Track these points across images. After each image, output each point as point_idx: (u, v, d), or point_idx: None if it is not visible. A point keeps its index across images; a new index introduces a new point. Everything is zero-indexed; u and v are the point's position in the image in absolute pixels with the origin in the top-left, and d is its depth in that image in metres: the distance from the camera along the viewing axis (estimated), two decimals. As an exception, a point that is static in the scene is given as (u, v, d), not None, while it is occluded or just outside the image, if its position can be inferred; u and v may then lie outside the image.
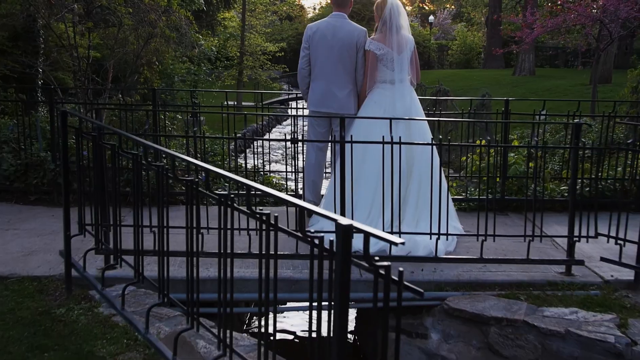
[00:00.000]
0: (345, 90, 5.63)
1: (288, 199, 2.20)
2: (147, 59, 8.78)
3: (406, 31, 5.60)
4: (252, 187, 2.42)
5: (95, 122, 3.64)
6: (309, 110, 5.81)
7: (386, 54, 5.50)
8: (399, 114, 5.44)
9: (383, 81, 5.55)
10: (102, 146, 3.70)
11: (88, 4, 7.61)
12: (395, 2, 5.58)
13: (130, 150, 3.47)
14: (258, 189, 2.42)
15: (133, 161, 3.37)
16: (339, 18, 5.68)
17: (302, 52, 5.74)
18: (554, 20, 13.32)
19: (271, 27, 27.75)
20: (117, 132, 3.43)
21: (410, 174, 5.45)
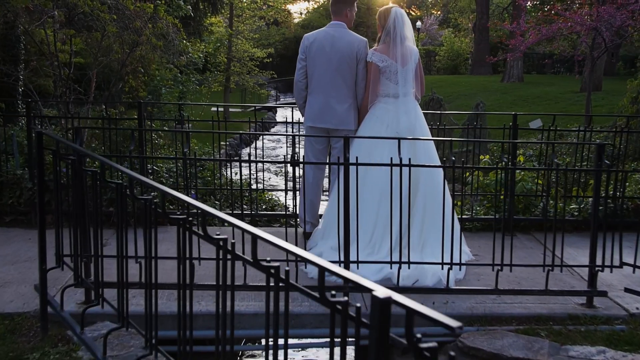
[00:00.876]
0: (345, 105, 5.27)
1: (307, 257, 1.82)
2: (133, 67, 8.36)
3: (411, 42, 5.26)
4: (258, 237, 2.04)
5: (74, 147, 3.24)
6: (306, 125, 5.45)
7: (389, 66, 5.16)
8: (402, 130, 5.10)
9: (386, 95, 5.20)
10: (82, 172, 3.30)
11: (70, 10, 7.19)
12: (399, 11, 5.24)
13: (113, 180, 3.07)
14: (262, 238, 2.05)
15: (117, 192, 2.98)
16: (337, 28, 5.32)
17: (298, 64, 5.37)
18: (549, 28, 13.07)
19: (258, 32, 27.34)
20: (99, 159, 3.03)
21: (415, 194, 5.11)
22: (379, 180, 4.88)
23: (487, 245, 5.70)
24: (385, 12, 5.29)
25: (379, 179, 4.88)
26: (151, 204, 2.73)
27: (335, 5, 5.36)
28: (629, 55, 36.51)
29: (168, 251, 4.28)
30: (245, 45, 22.56)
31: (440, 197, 5.11)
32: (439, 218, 5.02)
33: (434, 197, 5.04)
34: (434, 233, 4.97)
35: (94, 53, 8.08)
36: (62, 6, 7.19)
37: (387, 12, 5.26)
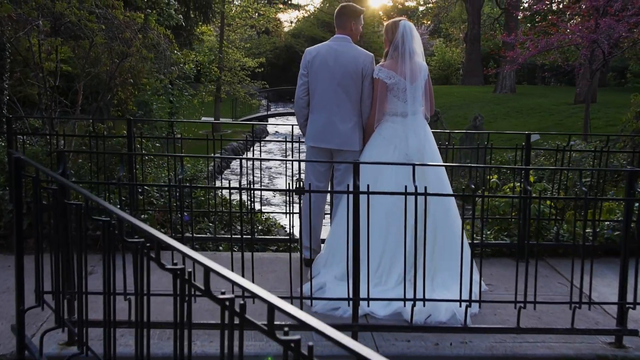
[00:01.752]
0: (349, 124, 4.93)
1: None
2: (122, 78, 7.99)
3: (420, 57, 4.94)
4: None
5: (57, 178, 2.87)
6: (307, 145, 5.10)
7: (397, 83, 4.83)
8: (412, 152, 4.78)
9: (393, 114, 4.88)
10: (65, 205, 2.93)
11: (56, 20, 6.82)
12: (408, 25, 4.92)
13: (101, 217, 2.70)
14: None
15: (103, 230, 2.62)
16: (341, 42, 4.99)
17: (299, 80, 5.03)
18: (548, 40, 12.84)
19: (249, 41, 27.03)
20: (83, 194, 2.67)
21: (425, 219, 4.77)
22: (387, 205, 4.56)
23: (500, 273, 5.39)
24: (393, 26, 4.97)
25: (386, 204, 4.55)
26: (144, 248, 2.37)
27: (340, 18, 5.03)
28: (618, 67, 36.55)
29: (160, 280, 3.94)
30: (236, 55, 22.23)
31: (451, 223, 4.79)
32: (449, 245, 4.71)
33: (444, 223, 4.72)
34: (445, 261, 4.65)
35: (81, 64, 7.71)
36: (48, 15, 6.82)
37: (395, 26, 4.94)
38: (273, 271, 5.09)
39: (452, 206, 4.84)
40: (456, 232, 4.75)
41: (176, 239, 5.38)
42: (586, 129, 14.17)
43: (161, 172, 6.65)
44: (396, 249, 4.69)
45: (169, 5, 11.57)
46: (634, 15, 12.48)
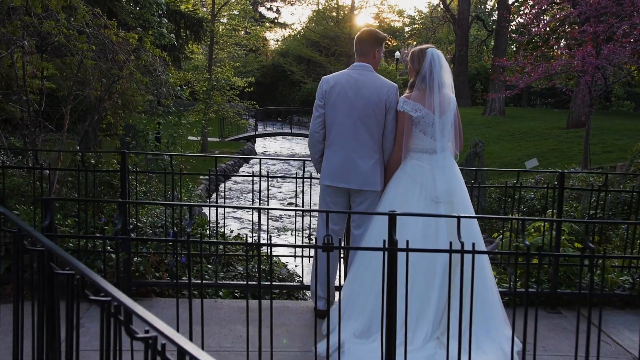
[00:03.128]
0: (370, 161, 4.44)
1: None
2: (111, 102, 7.46)
3: (449, 89, 4.47)
4: None
5: (42, 240, 2.33)
6: (322, 184, 4.59)
7: (424, 117, 4.36)
8: (440, 194, 4.30)
9: (419, 150, 4.40)
10: (52, 274, 2.39)
11: (42, 39, 6.29)
12: (436, 53, 4.46)
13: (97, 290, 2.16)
14: None
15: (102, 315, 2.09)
16: (362, 70, 4.51)
17: (315, 111, 4.54)
18: (551, 66, 12.53)
19: (238, 60, 26.59)
20: (76, 267, 2.12)
21: (455, 270, 4.29)
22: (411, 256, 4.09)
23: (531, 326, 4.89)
24: (419, 54, 4.51)
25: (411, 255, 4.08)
26: (154, 347, 1.84)
27: (363, 44, 4.55)
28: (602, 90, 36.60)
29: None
30: (225, 74, 21.76)
31: (483, 274, 4.32)
32: (482, 299, 4.23)
33: (476, 275, 4.24)
34: (478, 317, 4.17)
35: (68, 85, 7.18)
36: (34, 34, 6.28)
37: (422, 54, 4.48)
38: (283, 324, 4.55)
39: (484, 257, 4.38)
40: (489, 286, 4.31)
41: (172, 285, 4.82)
42: (586, 156, 13.85)
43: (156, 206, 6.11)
44: (422, 304, 4.22)
45: (160, 24, 11.09)
46: (636, 42, 12.24)
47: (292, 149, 28.47)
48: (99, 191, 6.19)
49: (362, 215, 4.49)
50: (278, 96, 43.36)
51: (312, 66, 35.46)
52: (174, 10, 14.08)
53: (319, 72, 34.01)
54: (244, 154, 23.09)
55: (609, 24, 12.16)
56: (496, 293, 4.34)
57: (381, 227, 4.37)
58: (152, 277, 5.02)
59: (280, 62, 38.54)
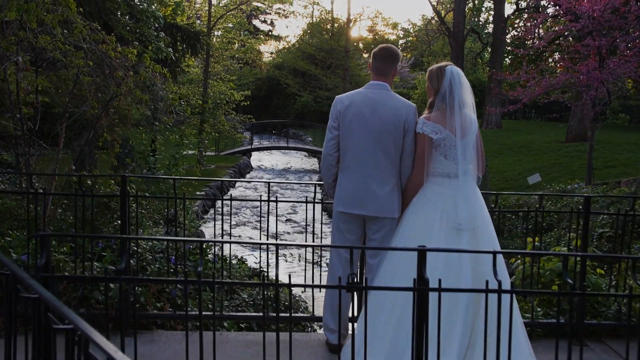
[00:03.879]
0: (388, 186, 4.18)
1: None
2: (109, 119, 7.18)
3: (470, 109, 4.22)
4: None
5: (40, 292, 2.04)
6: (336, 210, 4.31)
7: (446, 139, 4.11)
8: (464, 222, 4.04)
9: (440, 174, 4.14)
10: (50, 329, 2.09)
11: (37, 55, 6.01)
12: (456, 71, 4.22)
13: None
14: None
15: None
16: (379, 89, 4.25)
17: (328, 133, 4.27)
18: (553, 80, 12.34)
19: (233, 73, 26.35)
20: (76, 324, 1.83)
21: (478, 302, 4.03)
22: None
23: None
24: (437, 72, 4.27)
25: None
26: None
27: (383, 62, 4.28)
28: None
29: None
30: (221, 87, 21.52)
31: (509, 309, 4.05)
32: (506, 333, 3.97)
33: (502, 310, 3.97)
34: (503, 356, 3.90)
35: (63, 102, 6.89)
36: (29, 50, 6.01)
37: (441, 72, 4.24)
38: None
39: (507, 287, 4.11)
40: (515, 319, 4.04)
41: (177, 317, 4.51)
42: (590, 171, 13.65)
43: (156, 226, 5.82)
44: (445, 339, 3.94)
45: (158, 38, 10.83)
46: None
47: (289, 163, 28.20)
48: (96, 212, 5.90)
49: (380, 244, 4.22)
50: (273, 109, 43.09)
51: (308, 79, 35.26)
52: (171, 24, 13.84)
53: (315, 85, 33.85)
54: (240, 168, 22.80)
55: (612, 38, 12.00)
56: (522, 328, 4.08)
57: (400, 256, 4.10)
58: (153, 308, 4.72)
59: (276, 75, 38.35)
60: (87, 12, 9.97)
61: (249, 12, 31.72)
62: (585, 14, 12.23)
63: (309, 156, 30.16)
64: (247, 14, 32.71)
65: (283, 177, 23.72)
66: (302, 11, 48.18)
